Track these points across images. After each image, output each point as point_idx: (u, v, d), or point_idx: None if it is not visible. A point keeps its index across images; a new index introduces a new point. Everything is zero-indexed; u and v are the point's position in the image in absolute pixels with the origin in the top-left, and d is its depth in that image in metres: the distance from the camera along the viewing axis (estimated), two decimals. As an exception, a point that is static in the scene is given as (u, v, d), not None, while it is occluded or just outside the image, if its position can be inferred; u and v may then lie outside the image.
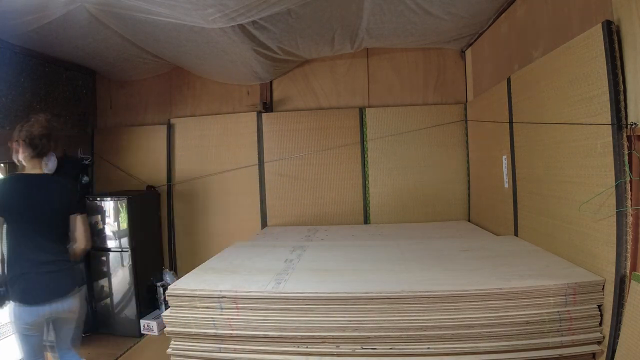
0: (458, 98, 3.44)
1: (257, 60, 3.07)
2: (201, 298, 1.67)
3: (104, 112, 3.91)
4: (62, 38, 2.81)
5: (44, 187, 1.84)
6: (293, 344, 1.61)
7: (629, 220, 1.43)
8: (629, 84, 1.43)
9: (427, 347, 1.56)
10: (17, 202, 1.78)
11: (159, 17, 2.34)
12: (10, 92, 2.93)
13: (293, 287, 1.66)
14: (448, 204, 3.36)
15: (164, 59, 3.40)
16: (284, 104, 3.64)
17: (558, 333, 1.52)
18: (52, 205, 1.85)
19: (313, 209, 3.47)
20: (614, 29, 1.46)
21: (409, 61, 3.49)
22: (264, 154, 3.54)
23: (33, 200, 1.79)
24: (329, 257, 2.16)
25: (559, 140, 1.84)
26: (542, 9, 2.07)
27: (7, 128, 2.90)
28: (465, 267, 1.85)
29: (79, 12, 2.40)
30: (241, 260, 2.12)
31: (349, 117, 3.45)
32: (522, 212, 2.32)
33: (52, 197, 1.86)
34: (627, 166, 1.42)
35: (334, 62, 3.55)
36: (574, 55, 1.68)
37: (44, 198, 1.82)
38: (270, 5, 2.24)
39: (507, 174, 2.49)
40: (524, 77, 2.19)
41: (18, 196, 1.79)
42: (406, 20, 2.68)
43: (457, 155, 3.36)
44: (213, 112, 3.71)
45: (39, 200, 1.81)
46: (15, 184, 1.84)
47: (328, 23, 2.73)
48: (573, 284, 1.53)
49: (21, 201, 1.78)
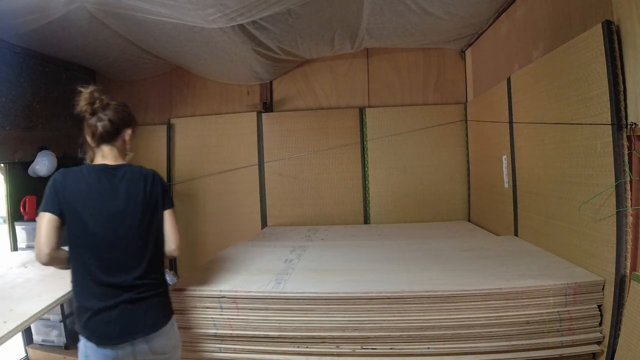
0: (458, 98, 3.44)
1: (257, 60, 3.07)
2: (201, 298, 1.66)
3: (104, 112, 3.91)
4: (62, 38, 2.81)
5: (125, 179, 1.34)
6: (293, 344, 1.61)
7: (629, 220, 1.43)
8: (628, 84, 1.43)
9: (427, 347, 1.56)
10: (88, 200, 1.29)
11: (159, 17, 2.34)
12: (10, 92, 2.93)
13: (293, 287, 1.66)
14: (448, 204, 3.36)
15: (164, 59, 3.40)
16: (284, 104, 3.64)
17: (558, 333, 1.52)
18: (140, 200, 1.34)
19: (313, 209, 3.47)
20: (614, 29, 1.46)
21: (409, 61, 3.49)
22: (264, 154, 3.54)
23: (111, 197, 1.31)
24: (329, 257, 2.16)
25: (559, 140, 1.84)
26: (542, 9, 2.07)
27: (7, 128, 2.90)
28: (465, 267, 1.85)
29: (79, 12, 2.40)
30: (241, 260, 2.12)
31: (349, 117, 3.45)
32: (522, 212, 2.32)
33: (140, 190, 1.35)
34: (627, 166, 1.42)
35: (334, 62, 3.55)
36: (574, 55, 1.68)
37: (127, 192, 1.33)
38: (270, 5, 2.24)
39: (507, 174, 2.49)
40: (524, 77, 2.19)
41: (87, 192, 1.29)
42: (406, 20, 2.68)
43: (457, 155, 3.36)
44: (213, 112, 3.71)
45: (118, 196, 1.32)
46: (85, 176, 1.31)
47: (328, 23, 2.73)
48: (573, 284, 1.54)
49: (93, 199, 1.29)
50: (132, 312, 1.26)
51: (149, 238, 1.34)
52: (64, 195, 1.25)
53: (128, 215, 1.30)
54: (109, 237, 1.27)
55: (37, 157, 3.04)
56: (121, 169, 1.34)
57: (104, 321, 1.23)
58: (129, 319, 1.25)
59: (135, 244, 1.31)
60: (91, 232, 1.26)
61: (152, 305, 1.31)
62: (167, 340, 1.33)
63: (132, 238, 1.30)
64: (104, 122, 1.31)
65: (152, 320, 1.30)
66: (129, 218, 1.30)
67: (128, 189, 1.31)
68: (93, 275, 1.25)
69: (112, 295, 1.25)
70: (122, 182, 1.32)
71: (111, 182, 1.31)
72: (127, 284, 1.27)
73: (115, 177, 1.32)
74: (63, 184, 1.26)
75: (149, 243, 1.34)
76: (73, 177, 1.29)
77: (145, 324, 1.28)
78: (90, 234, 1.26)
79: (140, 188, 1.33)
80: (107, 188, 1.30)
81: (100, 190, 1.29)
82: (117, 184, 1.31)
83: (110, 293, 1.25)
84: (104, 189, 1.29)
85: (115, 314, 1.24)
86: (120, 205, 1.29)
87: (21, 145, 3.00)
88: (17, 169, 2.99)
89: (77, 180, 1.28)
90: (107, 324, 1.23)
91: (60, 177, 1.28)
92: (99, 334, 1.23)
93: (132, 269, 1.29)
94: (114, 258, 1.27)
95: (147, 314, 1.29)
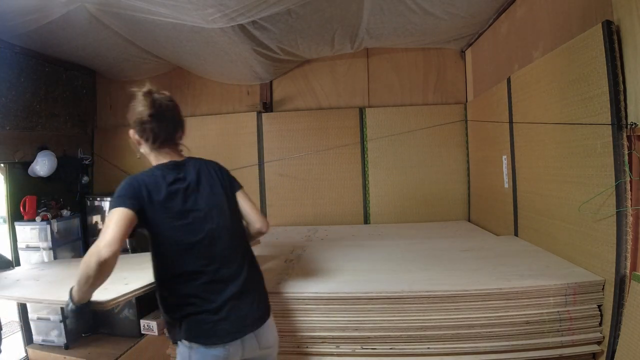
0: (458, 98, 3.44)
1: (257, 60, 3.07)
2: (201, 298, 1.66)
3: (104, 112, 3.91)
4: (62, 38, 2.82)
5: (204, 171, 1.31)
6: (293, 343, 1.61)
7: (629, 220, 1.43)
8: (628, 84, 1.43)
9: (427, 347, 1.56)
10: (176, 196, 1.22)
11: (159, 17, 2.34)
12: (10, 92, 2.93)
13: (293, 287, 1.66)
14: (448, 204, 3.36)
15: (164, 59, 3.40)
16: (284, 104, 3.64)
17: (558, 333, 1.53)
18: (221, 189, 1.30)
19: (313, 209, 3.47)
20: (614, 29, 1.46)
21: (409, 61, 3.49)
22: (264, 154, 3.54)
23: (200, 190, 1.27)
24: (329, 257, 2.16)
25: (559, 140, 1.84)
26: (542, 9, 2.07)
27: (7, 128, 2.90)
28: (465, 267, 1.85)
29: (79, 12, 2.40)
30: (241, 260, 2.12)
31: (349, 117, 3.45)
32: (522, 212, 2.32)
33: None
34: (627, 166, 1.42)
35: (334, 62, 3.55)
36: (574, 55, 1.68)
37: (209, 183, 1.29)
38: (270, 5, 2.24)
39: (507, 174, 2.49)
40: (524, 77, 2.19)
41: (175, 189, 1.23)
42: (406, 20, 2.68)
43: (457, 155, 3.36)
44: (213, 112, 3.71)
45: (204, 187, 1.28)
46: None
47: (328, 23, 2.73)
48: (573, 284, 1.54)
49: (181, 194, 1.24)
50: (239, 307, 1.20)
51: (236, 225, 1.31)
52: (145, 195, 1.17)
53: (215, 206, 1.25)
54: (207, 231, 1.21)
55: (37, 157, 3.04)
56: (189, 163, 1.29)
57: (212, 320, 1.16)
58: (237, 315, 1.19)
59: (229, 234, 1.25)
60: (185, 230, 1.19)
61: (255, 298, 1.26)
62: (272, 332, 1.29)
63: (224, 228, 1.25)
64: (164, 123, 1.25)
65: (259, 313, 1.25)
66: (216, 208, 1.25)
67: (206, 181, 1.27)
68: (193, 274, 1.18)
69: (217, 291, 1.19)
70: (197, 176, 1.27)
71: (187, 178, 1.25)
72: (230, 277, 1.21)
73: (189, 172, 1.27)
74: (142, 184, 1.19)
75: (238, 231, 1.30)
76: (148, 179, 1.21)
77: (254, 318, 1.23)
78: (184, 232, 1.19)
79: (215, 177, 1.29)
80: (186, 184, 1.24)
81: (181, 188, 1.23)
82: (193, 178, 1.26)
83: (214, 290, 1.19)
84: (184, 186, 1.23)
85: (223, 311, 1.17)
86: (206, 198, 1.25)
87: (21, 145, 3.00)
88: (17, 169, 2.99)
89: (154, 182, 1.20)
90: (216, 323, 1.16)
91: (135, 180, 1.20)
92: (206, 334, 1.16)
93: (231, 261, 1.24)
94: (213, 252, 1.21)
95: (252, 307, 1.24)
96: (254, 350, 1.23)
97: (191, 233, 1.19)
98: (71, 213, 3.28)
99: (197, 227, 1.21)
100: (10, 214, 2.99)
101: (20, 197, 2.96)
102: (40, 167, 3.02)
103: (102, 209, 3.34)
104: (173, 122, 1.28)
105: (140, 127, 1.23)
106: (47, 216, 3.01)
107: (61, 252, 3.12)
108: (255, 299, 1.26)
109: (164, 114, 1.24)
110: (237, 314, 1.19)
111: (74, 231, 3.32)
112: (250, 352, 1.23)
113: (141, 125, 1.23)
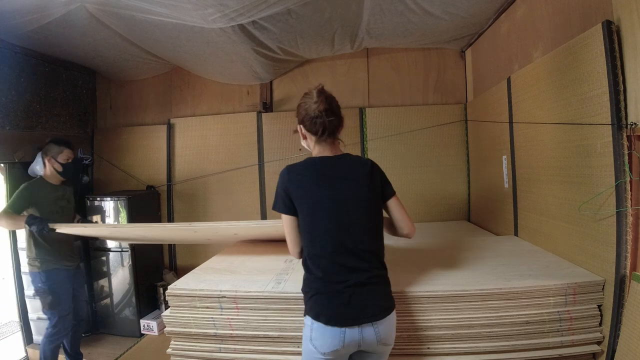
0: (458, 98, 3.44)
1: (257, 60, 3.07)
2: (201, 298, 1.66)
3: (104, 112, 3.92)
4: (62, 38, 2.82)
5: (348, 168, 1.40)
6: (293, 344, 1.61)
7: (629, 220, 1.43)
8: (629, 84, 1.43)
9: (427, 347, 1.56)
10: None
11: (159, 17, 2.34)
12: (10, 92, 2.93)
13: (293, 287, 1.66)
14: (448, 204, 3.36)
15: (164, 59, 3.41)
16: (284, 104, 3.65)
17: (558, 333, 1.53)
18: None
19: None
20: (614, 28, 1.46)
21: (409, 61, 3.49)
22: (264, 153, 3.55)
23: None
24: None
25: (559, 140, 1.84)
26: (542, 9, 2.07)
27: (7, 128, 2.90)
28: (465, 267, 1.85)
29: (79, 12, 2.40)
30: (241, 261, 2.12)
31: (349, 117, 3.43)
32: (522, 212, 2.32)
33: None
34: (627, 166, 1.42)
35: (334, 62, 3.56)
36: (574, 55, 1.68)
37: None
38: (270, 5, 2.24)
39: (507, 174, 2.49)
40: (524, 77, 2.19)
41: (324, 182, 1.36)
42: (406, 20, 2.68)
43: (457, 155, 3.36)
44: (213, 112, 3.72)
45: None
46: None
47: (328, 23, 2.73)
48: (573, 284, 1.54)
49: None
50: (361, 296, 1.27)
51: (374, 222, 1.36)
52: (293, 191, 1.33)
53: (356, 200, 1.33)
54: (342, 221, 1.30)
55: (37, 157, 3.03)
56: (342, 158, 1.39)
57: (334, 303, 1.26)
58: (358, 302, 1.26)
59: (363, 228, 1.32)
60: (326, 217, 1.30)
61: (379, 290, 1.32)
62: (391, 330, 1.32)
63: (360, 222, 1.32)
64: (331, 118, 1.35)
65: (381, 306, 1.30)
66: (357, 202, 1.33)
67: (353, 175, 1.35)
68: (324, 259, 1.29)
69: (343, 277, 1.27)
70: (347, 169, 1.36)
71: (337, 171, 1.36)
72: (356, 266, 1.29)
73: (339, 166, 1.37)
74: (289, 180, 1.35)
75: (372, 225, 1.36)
76: (298, 170, 1.36)
77: (375, 308, 1.28)
78: (325, 219, 1.30)
79: (363, 174, 1.36)
80: (333, 176, 1.34)
81: (327, 179, 1.34)
82: (342, 172, 1.35)
83: (341, 275, 1.28)
84: (331, 177, 1.34)
85: (346, 295, 1.26)
86: (349, 191, 1.33)
87: (21, 145, 3.00)
88: (17, 169, 2.99)
89: (302, 174, 1.35)
90: (338, 306, 1.26)
91: (286, 173, 1.37)
92: (328, 314, 1.25)
93: (361, 252, 1.30)
94: (345, 242, 1.30)
95: (375, 298, 1.29)
96: (371, 343, 1.27)
97: (329, 221, 1.31)
98: (71, 213, 3.27)
99: (330, 214, 1.32)
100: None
101: (20, 197, 2.95)
102: (40, 167, 3.02)
103: (102, 208, 3.34)
104: (338, 117, 1.39)
105: (311, 121, 1.36)
106: (47, 216, 3.01)
107: (61, 252, 3.12)
108: (379, 291, 1.32)
109: (333, 110, 1.36)
110: (360, 302, 1.26)
111: (74, 231, 3.32)
112: (368, 345, 1.27)
113: (313, 120, 1.35)
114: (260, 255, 2.22)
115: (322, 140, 1.38)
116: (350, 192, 1.33)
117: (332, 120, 1.36)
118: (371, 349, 1.30)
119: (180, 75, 3.76)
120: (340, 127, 1.41)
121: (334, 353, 1.25)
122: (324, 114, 1.34)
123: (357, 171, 1.36)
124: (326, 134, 1.36)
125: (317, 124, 1.35)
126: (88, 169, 3.70)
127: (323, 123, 1.35)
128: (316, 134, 1.37)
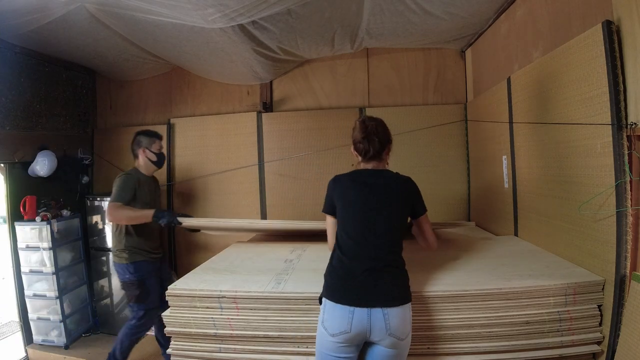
0: (458, 98, 3.44)
1: (257, 60, 3.07)
2: (201, 298, 1.67)
3: (104, 112, 3.92)
4: (62, 38, 2.82)
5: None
6: (293, 344, 1.61)
7: (629, 220, 1.43)
8: (629, 84, 1.43)
9: (427, 347, 1.56)
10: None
11: (159, 17, 2.34)
12: (10, 92, 2.93)
13: (293, 287, 1.66)
14: (448, 204, 3.36)
15: (164, 59, 3.41)
16: (284, 104, 3.65)
17: (558, 333, 1.53)
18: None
19: (313, 209, 3.46)
20: (614, 29, 1.45)
21: (409, 61, 3.49)
22: (264, 154, 3.54)
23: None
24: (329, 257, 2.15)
25: (559, 140, 1.84)
26: (542, 9, 2.07)
27: (7, 128, 2.90)
28: (465, 267, 1.85)
29: (79, 12, 2.40)
30: (241, 260, 2.12)
31: (349, 117, 3.44)
32: (522, 212, 2.32)
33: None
34: (627, 166, 1.42)
35: (334, 62, 3.55)
36: (574, 55, 1.68)
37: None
38: (270, 5, 2.24)
39: (507, 174, 2.49)
40: (524, 77, 2.19)
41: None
42: (406, 20, 2.68)
43: (457, 155, 3.36)
44: (213, 112, 3.71)
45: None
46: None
47: (328, 23, 2.73)
48: (573, 284, 1.54)
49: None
50: (375, 280, 1.40)
51: (395, 227, 1.50)
52: (335, 195, 1.58)
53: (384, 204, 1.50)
54: (369, 220, 1.47)
55: (37, 157, 3.04)
56: (381, 172, 1.59)
57: (348, 283, 1.41)
58: (371, 285, 1.39)
59: (385, 227, 1.47)
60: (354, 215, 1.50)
61: (394, 279, 1.43)
62: (403, 323, 1.37)
63: (385, 223, 1.47)
64: (374, 143, 1.56)
65: (393, 294, 1.39)
66: (384, 207, 1.49)
67: (386, 184, 1.53)
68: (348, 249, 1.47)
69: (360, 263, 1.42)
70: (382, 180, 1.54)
71: (373, 179, 1.54)
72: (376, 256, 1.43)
73: (376, 177, 1.55)
74: (333, 187, 1.60)
75: (394, 230, 1.50)
76: (341, 179, 1.60)
77: (386, 295, 1.38)
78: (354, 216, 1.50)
79: (395, 185, 1.55)
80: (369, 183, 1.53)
81: (363, 186, 1.53)
82: (377, 181, 1.54)
83: (360, 261, 1.43)
84: (367, 184, 1.53)
85: (360, 278, 1.39)
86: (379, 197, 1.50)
87: (21, 145, 3.00)
88: (17, 169, 2.99)
89: (343, 181, 1.58)
90: (350, 287, 1.40)
91: (332, 181, 1.62)
92: (340, 292, 1.40)
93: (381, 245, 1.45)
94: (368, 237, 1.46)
95: (388, 285, 1.40)
96: (381, 332, 1.34)
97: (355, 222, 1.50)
98: (71, 213, 3.28)
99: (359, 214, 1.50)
100: (10, 214, 2.99)
101: (20, 197, 2.96)
102: (40, 167, 3.02)
103: (102, 209, 3.34)
104: (380, 142, 1.57)
105: (355, 145, 1.61)
106: (47, 216, 3.01)
107: (61, 252, 3.13)
108: (390, 281, 1.42)
109: (372, 136, 1.56)
110: (368, 287, 1.39)
111: (74, 231, 3.32)
112: (378, 333, 1.35)
113: (356, 145, 1.60)
114: (260, 255, 2.22)
115: (366, 160, 1.59)
116: (380, 197, 1.50)
117: (371, 145, 1.56)
118: (382, 340, 1.35)
119: (180, 75, 3.76)
120: (384, 151, 1.59)
121: (343, 336, 1.34)
122: (363, 141, 1.57)
123: (391, 183, 1.55)
124: (368, 156, 1.57)
125: (359, 149, 1.59)
126: (88, 169, 3.71)
127: (363, 148, 1.57)
128: (361, 155, 1.60)
